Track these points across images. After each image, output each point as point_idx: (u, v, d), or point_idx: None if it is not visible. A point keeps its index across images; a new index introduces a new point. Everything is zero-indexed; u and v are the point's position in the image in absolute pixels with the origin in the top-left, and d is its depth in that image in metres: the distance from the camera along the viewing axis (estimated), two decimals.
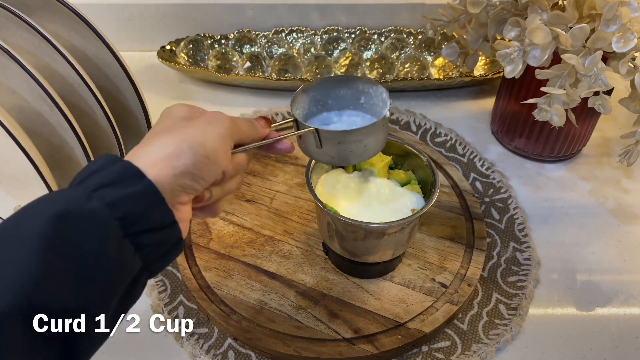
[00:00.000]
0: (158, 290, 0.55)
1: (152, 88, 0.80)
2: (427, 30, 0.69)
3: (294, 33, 0.86)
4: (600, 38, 0.53)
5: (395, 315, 0.52)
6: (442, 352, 0.51)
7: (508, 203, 0.64)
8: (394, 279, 0.55)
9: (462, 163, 0.69)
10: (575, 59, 0.52)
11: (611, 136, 0.74)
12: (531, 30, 0.53)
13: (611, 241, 0.61)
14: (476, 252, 0.57)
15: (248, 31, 0.85)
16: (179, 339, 0.52)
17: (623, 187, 0.68)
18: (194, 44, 0.83)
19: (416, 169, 0.54)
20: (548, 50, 0.55)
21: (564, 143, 0.67)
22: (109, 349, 0.51)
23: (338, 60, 0.81)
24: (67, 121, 0.51)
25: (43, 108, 0.51)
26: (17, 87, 0.51)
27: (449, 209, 0.62)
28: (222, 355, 0.50)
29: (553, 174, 0.69)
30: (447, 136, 0.73)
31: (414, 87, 0.78)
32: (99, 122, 0.56)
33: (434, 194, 0.49)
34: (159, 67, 0.82)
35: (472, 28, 0.65)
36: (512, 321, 0.53)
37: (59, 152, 0.54)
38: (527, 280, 0.56)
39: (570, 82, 0.54)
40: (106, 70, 0.58)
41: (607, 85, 0.52)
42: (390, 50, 0.84)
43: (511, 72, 0.57)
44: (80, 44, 0.56)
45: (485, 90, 0.81)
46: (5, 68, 0.49)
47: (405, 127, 0.74)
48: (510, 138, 0.70)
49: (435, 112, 0.77)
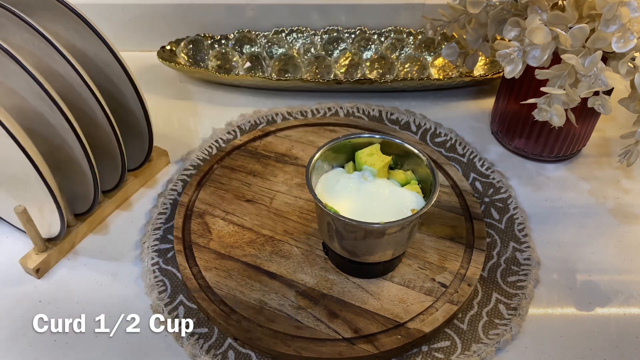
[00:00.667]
0: (158, 290, 0.55)
1: (152, 88, 0.80)
2: (427, 30, 0.69)
3: (294, 33, 0.86)
4: (600, 38, 0.53)
5: (395, 315, 0.52)
6: (442, 352, 0.51)
7: (508, 203, 0.64)
8: (394, 278, 0.55)
9: (462, 163, 0.69)
10: (575, 59, 0.52)
11: (611, 136, 0.74)
12: (531, 31, 0.53)
13: (611, 241, 0.61)
14: (476, 252, 0.57)
15: (248, 31, 0.85)
16: (179, 338, 0.52)
17: (623, 187, 0.68)
18: (194, 44, 0.83)
19: (416, 169, 0.54)
20: (548, 50, 0.55)
21: (564, 143, 0.67)
22: (109, 348, 0.51)
23: (338, 61, 0.81)
24: (67, 121, 0.51)
25: (43, 108, 0.51)
26: (17, 87, 0.51)
27: (448, 209, 0.62)
28: (222, 355, 0.50)
29: (553, 174, 0.69)
30: (447, 136, 0.73)
31: (413, 87, 0.78)
32: (99, 122, 0.56)
33: (433, 194, 0.49)
34: (159, 67, 0.82)
35: (472, 28, 0.65)
36: (512, 321, 0.53)
37: (59, 152, 0.54)
38: (527, 280, 0.56)
39: (570, 82, 0.54)
40: (106, 70, 0.58)
41: (607, 85, 0.52)
42: (390, 50, 0.84)
43: (511, 72, 0.57)
44: (81, 44, 0.56)
45: (485, 90, 0.81)
46: (5, 68, 0.49)
47: (405, 127, 0.74)
48: (510, 138, 0.70)
49: (435, 112, 0.77)
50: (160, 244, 0.59)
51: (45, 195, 0.52)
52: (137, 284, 0.56)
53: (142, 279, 0.57)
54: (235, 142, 0.70)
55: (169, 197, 0.64)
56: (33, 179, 0.51)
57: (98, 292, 0.56)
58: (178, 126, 0.76)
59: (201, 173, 0.66)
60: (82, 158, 0.54)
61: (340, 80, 0.76)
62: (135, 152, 0.64)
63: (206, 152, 0.70)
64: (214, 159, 0.68)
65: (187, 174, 0.67)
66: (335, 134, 0.71)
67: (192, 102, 0.80)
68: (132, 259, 0.59)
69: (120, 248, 0.60)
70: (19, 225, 0.59)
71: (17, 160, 0.50)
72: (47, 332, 0.52)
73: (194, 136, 0.74)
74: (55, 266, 0.58)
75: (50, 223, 0.56)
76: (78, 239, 0.60)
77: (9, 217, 0.60)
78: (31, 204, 0.54)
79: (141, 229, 0.62)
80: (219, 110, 0.78)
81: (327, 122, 0.73)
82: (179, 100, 0.80)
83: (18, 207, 0.52)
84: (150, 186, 0.67)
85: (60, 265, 0.58)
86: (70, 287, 0.56)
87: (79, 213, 0.60)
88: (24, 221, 0.53)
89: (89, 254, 0.59)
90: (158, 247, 0.59)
